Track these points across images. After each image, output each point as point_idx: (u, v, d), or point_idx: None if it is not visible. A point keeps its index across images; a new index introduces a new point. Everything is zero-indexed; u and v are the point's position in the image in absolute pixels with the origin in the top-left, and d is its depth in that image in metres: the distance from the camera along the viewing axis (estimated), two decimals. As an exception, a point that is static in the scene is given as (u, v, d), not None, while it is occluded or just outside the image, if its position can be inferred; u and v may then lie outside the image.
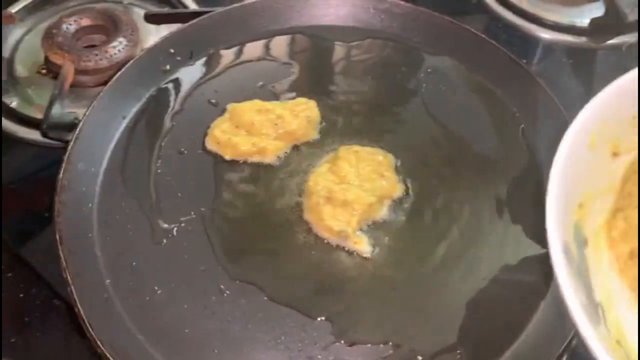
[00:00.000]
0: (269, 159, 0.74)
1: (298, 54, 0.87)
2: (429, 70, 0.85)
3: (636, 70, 0.53)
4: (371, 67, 0.86)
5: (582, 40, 0.98)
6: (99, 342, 0.57)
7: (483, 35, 0.85)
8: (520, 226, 0.70)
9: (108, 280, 0.64)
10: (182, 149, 0.75)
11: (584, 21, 0.99)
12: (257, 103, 0.77)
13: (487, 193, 0.72)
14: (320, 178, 0.70)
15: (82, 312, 0.58)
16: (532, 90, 0.79)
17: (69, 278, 0.60)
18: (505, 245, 0.68)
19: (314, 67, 0.86)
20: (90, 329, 0.57)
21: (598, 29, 0.97)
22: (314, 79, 0.84)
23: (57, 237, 0.63)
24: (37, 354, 0.65)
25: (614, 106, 0.52)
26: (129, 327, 0.61)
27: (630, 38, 0.97)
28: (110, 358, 0.56)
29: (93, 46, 0.89)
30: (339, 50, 0.87)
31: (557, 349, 0.58)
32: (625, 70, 0.94)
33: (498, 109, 0.81)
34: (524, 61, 0.85)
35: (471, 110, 0.81)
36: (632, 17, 0.93)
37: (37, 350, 0.65)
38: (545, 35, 0.99)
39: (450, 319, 0.63)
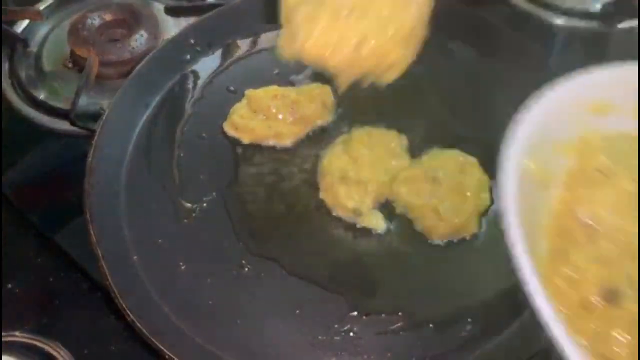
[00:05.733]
0: (285, 142, 0.76)
1: (313, 42, 0.89)
2: (443, 55, 0.86)
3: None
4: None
5: (594, 25, 0.99)
6: (128, 312, 0.59)
7: (496, 22, 0.86)
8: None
9: (135, 257, 0.67)
10: (203, 134, 0.78)
11: (596, 6, 1.00)
12: (273, 89, 0.79)
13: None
14: (335, 159, 0.72)
15: (112, 285, 0.61)
16: (543, 75, 0.79)
17: (99, 253, 0.63)
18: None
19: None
20: (120, 301, 0.60)
21: (610, 13, 0.97)
22: (328, 66, 0.86)
23: (88, 216, 0.66)
24: (67, 333, 0.67)
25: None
26: (156, 299, 0.64)
27: (641, 21, 0.98)
28: (139, 326, 0.59)
29: (116, 40, 0.92)
30: (353, 37, 0.89)
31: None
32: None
33: (509, 93, 0.82)
34: (537, 46, 0.86)
35: (483, 94, 0.82)
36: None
37: (67, 330, 0.68)
38: (558, 20, 1.00)
39: (461, 289, 0.64)
